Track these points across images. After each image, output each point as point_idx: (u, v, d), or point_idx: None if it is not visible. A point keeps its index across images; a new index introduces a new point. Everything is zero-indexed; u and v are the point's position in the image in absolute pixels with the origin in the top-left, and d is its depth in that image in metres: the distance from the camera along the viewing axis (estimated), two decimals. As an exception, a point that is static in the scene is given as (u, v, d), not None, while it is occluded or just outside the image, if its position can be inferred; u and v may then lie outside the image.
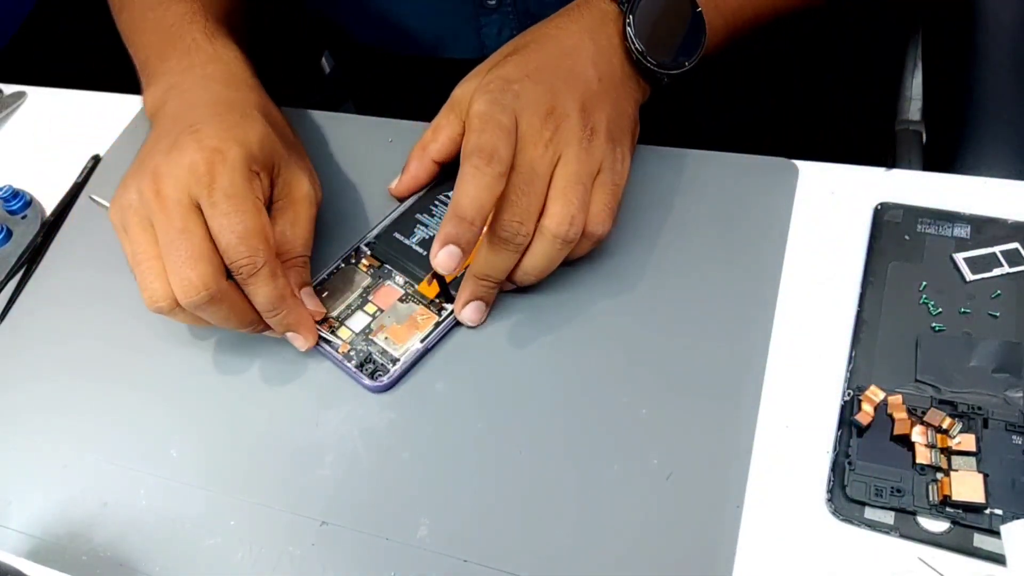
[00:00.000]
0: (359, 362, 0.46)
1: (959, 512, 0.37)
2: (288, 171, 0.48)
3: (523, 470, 0.42)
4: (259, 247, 0.43)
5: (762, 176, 0.50)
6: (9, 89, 0.68)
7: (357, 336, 0.47)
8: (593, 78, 0.46)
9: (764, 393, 0.43)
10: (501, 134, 0.42)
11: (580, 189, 0.44)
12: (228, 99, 0.49)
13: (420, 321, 0.47)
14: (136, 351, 0.50)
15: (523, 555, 0.40)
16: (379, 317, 0.48)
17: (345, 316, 0.48)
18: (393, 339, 0.47)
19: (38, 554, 0.43)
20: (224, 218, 0.43)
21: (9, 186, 0.59)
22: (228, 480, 0.44)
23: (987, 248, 0.45)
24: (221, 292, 0.43)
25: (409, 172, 0.51)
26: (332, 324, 0.48)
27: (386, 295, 0.49)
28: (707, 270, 0.47)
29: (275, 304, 0.44)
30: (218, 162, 0.44)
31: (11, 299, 0.54)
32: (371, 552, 0.41)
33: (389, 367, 0.46)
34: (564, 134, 0.44)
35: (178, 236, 0.43)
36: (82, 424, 0.48)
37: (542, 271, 0.45)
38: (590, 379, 0.44)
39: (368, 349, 0.47)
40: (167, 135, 0.47)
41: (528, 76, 0.45)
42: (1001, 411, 0.40)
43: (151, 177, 0.44)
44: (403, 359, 0.46)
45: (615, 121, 0.46)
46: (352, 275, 0.50)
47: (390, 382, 0.45)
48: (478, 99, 0.44)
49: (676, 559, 0.39)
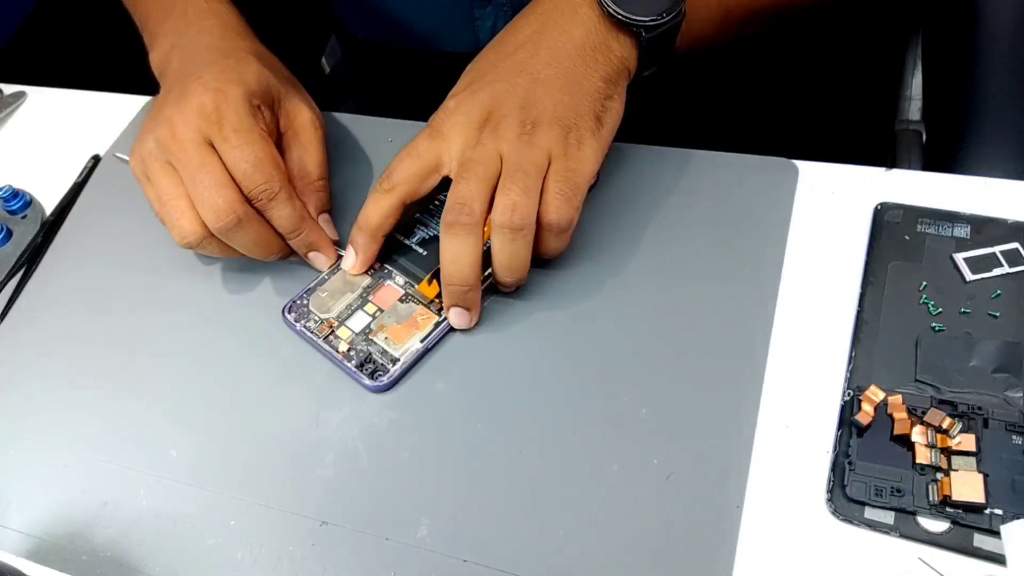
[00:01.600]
0: (359, 362, 0.46)
1: (959, 512, 0.37)
2: (288, 102, 0.52)
3: (523, 470, 0.42)
4: (273, 173, 0.47)
5: (762, 176, 0.50)
6: (9, 89, 0.68)
7: (357, 336, 0.47)
8: (541, 65, 0.46)
9: (764, 393, 0.43)
10: (415, 166, 0.46)
11: (520, 176, 0.43)
12: (224, 47, 0.53)
13: (420, 321, 0.47)
14: (136, 351, 0.50)
15: (523, 555, 0.40)
16: (379, 317, 0.48)
17: (345, 316, 0.48)
18: (393, 339, 0.47)
19: (38, 554, 0.43)
20: (236, 150, 0.47)
21: (9, 186, 0.59)
22: (228, 480, 0.44)
23: (987, 248, 0.45)
24: (247, 215, 0.47)
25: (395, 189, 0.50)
26: (332, 324, 0.48)
27: (386, 295, 0.49)
28: (707, 270, 0.47)
29: (295, 225, 0.48)
30: (222, 101, 0.48)
31: (11, 299, 0.54)
32: (371, 552, 0.41)
33: (389, 367, 0.46)
34: (501, 132, 0.44)
35: (199, 170, 0.46)
36: (82, 424, 0.48)
37: (509, 268, 0.45)
38: (590, 379, 0.44)
39: (368, 349, 0.47)
40: (175, 87, 0.51)
41: (469, 86, 0.47)
42: (1001, 411, 0.40)
43: (166, 124, 0.48)
44: (403, 359, 0.46)
45: (566, 104, 0.45)
46: (351, 276, 0.50)
47: (390, 382, 0.45)
48: (420, 133, 0.47)
49: (676, 559, 0.39)
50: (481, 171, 0.44)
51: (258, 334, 0.49)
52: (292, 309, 0.49)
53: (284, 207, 0.47)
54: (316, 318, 0.48)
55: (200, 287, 0.52)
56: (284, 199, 0.47)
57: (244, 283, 0.52)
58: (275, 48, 0.56)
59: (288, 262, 0.52)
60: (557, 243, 0.46)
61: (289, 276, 0.51)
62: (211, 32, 0.54)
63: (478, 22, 0.63)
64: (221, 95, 0.48)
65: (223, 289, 0.52)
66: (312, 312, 0.48)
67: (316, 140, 0.52)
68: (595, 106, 0.46)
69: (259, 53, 0.54)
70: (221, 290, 0.52)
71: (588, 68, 0.46)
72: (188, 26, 0.54)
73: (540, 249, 0.46)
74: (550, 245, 0.46)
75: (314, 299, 0.49)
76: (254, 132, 0.47)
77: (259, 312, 0.50)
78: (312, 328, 0.48)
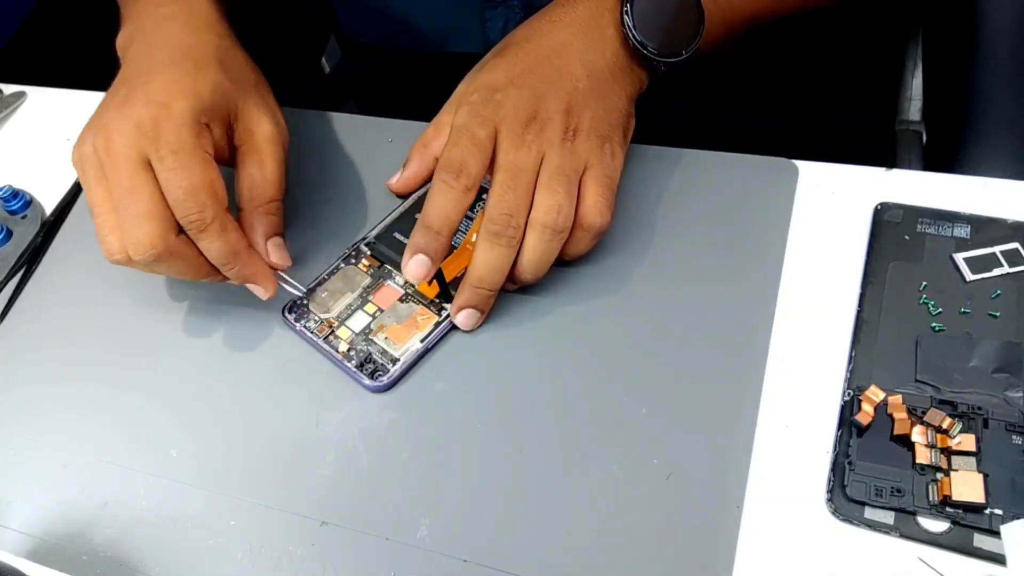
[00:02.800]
0: (359, 362, 0.46)
1: (959, 512, 0.37)
2: (247, 115, 0.48)
3: (523, 470, 0.42)
4: (206, 202, 0.44)
5: (762, 176, 0.50)
6: (9, 89, 0.68)
7: (357, 336, 0.47)
8: (581, 76, 0.46)
9: (764, 393, 0.43)
10: (473, 149, 0.43)
11: (564, 179, 0.44)
12: (184, 45, 0.49)
13: (420, 321, 0.47)
14: (136, 351, 0.50)
15: (523, 555, 0.40)
16: (379, 317, 0.48)
17: (345, 316, 0.48)
18: (393, 339, 0.47)
19: (38, 554, 0.43)
20: (171, 173, 0.43)
21: (9, 186, 0.59)
22: (228, 480, 0.44)
23: (987, 248, 0.45)
24: (170, 249, 0.44)
25: (410, 168, 0.52)
26: (332, 324, 0.48)
27: (386, 295, 0.49)
28: (707, 270, 0.47)
29: (227, 258, 0.45)
30: (163, 117, 0.44)
31: (11, 299, 0.54)
32: (371, 552, 0.41)
33: (389, 367, 0.46)
34: (547, 135, 0.45)
35: (126, 195, 0.43)
36: (82, 424, 0.48)
37: (537, 266, 0.45)
38: (590, 379, 0.44)
39: (368, 349, 0.46)
40: (124, 84, 0.47)
41: (512, 82, 0.46)
42: (1001, 411, 0.40)
43: (103, 133, 0.45)
44: (403, 359, 0.46)
45: (602, 118, 0.46)
46: (352, 275, 0.50)
47: (390, 382, 0.45)
48: (459, 111, 0.45)
49: (676, 559, 0.39)
50: (526, 180, 0.44)
51: (258, 334, 0.49)
52: (292, 309, 0.49)
53: (215, 239, 0.44)
54: (316, 318, 0.48)
55: (200, 287, 0.52)
56: (216, 231, 0.44)
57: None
58: (275, 48, 0.56)
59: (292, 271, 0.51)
60: (590, 245, 0.47)
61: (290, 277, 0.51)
62: (175, 20, 0.50)
63: (489, 23, 0.63)
64: (164, 110, 0.44)
65: (224, 289, 0.52)
66: (312, 312, 0.48)
67: (273, 157, 0.48)
68: (623, 122, 0.48)
69: (223, 53, 0.50)
70: (222, 290, 0.52)
71: (618, 86, 0.48)
72: (155, 9, 0.51)
73: (571, 250, 0.46)
74: (582, 246, 0.46)
75: (314, 299, 0.49)
76: (194, 155, 0.44)
77: (259, 312, 0.50)
78: (312, 328, 0.48)
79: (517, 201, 0.43)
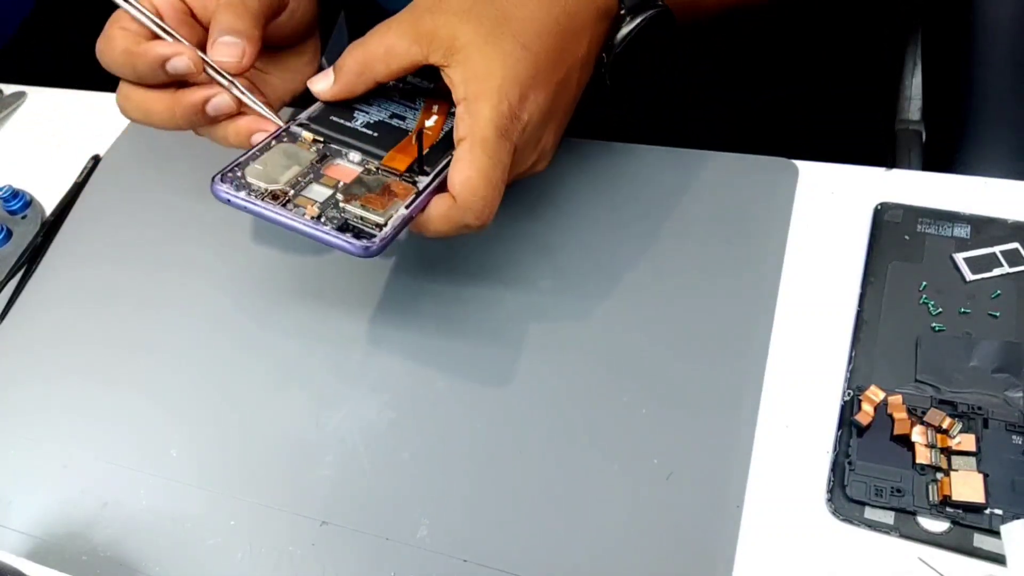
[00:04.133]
0: (337, 226, 0.39)
1: (959, 512, 0.37)
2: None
3: (523, 470, 0.42)
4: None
5: (762, 176, 0.50)
6: (9, 89, 0.68)
7: (323, 203, 0.40)
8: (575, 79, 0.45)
9: (764, 393, 0.43)
10: (491, 204, 0.41)
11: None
12: None
13: (398, 190, 0.41)
14: (136, 351, 0.50)
15: (523, 555, 0.40)
16: (343, 189, 0.41)
17: (301, 188, 0.41)
18: (372, 206, 0.40)
19: (38, 554, 0.43)
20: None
21: (9, 186, 0.59)
22: (228, 480, 0.44)
23: (987, 248, 0.45)
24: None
25: (345, 84, 0.44)
26: (286, 193, 0.40)
27: (342, 172, 0.42)
28: (707, 270, 0.47)
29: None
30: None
31: (11, 299, 0.54)
32: (371, 552, 0.41)
33: (375, 231, 0.39)
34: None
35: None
36: (82, 424, 0.48)
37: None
38: (590, 379, 0.44)
39: (343, 216, 0.40)
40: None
41: (549, 118, 0.44)
42: (1001, 411, 0.40)
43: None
44: (390, 224, 0.39)
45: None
46: (293, 151, 0.43)
47: (381, 244, 0.39)
48: (487, 151, 0.41)
49: (676, 559, 0.39)
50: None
51: (259, 334, 0.49)
52: (224, 178, 0.40)
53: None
54: (259, 188, 0.40)
55: (200, 287, 0.52)
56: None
57: (245, 284, 0.52)
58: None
59: (292, 272, 0.51)
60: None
61: (290, 281, 0.51)
62: None
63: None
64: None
65: (223, 289, 0.52)
66: (252, 183, 0.40)
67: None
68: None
69: None
70: (221, 290, 0.52)
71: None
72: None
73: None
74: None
75: (251, 171, 0.41)
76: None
77: (259, 313, 0.50)
78: (257, 196, 0.40)
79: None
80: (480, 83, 0.41)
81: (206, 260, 0.53)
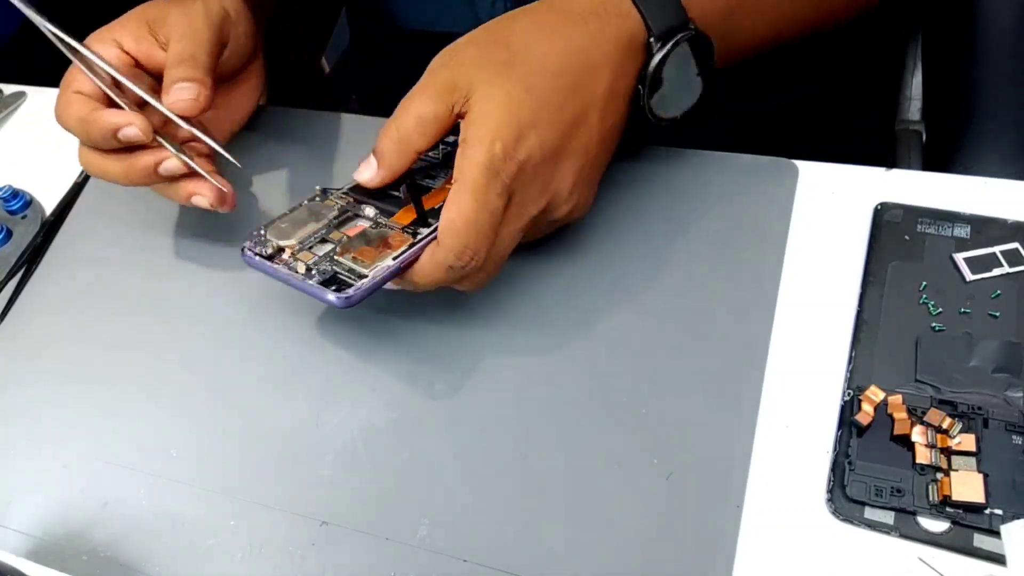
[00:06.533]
0: (321, 280, 0.41)
1: (959, 512, 0.37)
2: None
3: (523, 470, 0.42)
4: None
5: (762, 176, 0.50)
6: (9, 89, 0.68)
7: (320, 258, 0.42)
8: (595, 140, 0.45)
9: (764, 393, 0.43)
10: (472, 246, 0.41)
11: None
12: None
13: (393, 242, 0.43)
14: (136, 351, 0.50)
15: (523, 555, 0.40)
16: (345, 243, 0.43)
17: (309, 245, 0.43)
18: (362, 258, 0.42)
19: (38, 554, 0.43)
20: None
21: (9, 186, 0.59)
22: (228, 480, 0.44)
23: (987, 248, 0.45)
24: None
25: (388, 167, 0.44)
26: (293, 249, 0.43)
27: (354, 229, 0.44)
28: (707, 270, 0.47)
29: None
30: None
31: (11, 299, 0.54)
32: (371, 552, 0.41)
33: (356, 282, 0.41)
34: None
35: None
36: (82, 424, 0.48)
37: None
38: (590, 379, 0.44)
39: (332, 268, 0.42)
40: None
41: (558, 157, 0.43)
42: (1001, 411, 0.40)
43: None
44: (372, 275, 0.41)
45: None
46: (319, 209, 0.45)
47: (358, 295, 0.40)
48: (476, 189, 0.40)
49: (676, 559, 0.39)
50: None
51: (259, 334, 0.49)
52: (250, 238, 0.44)
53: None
54: (273, 245, 0.43)
55: (200, 287, 0.52)
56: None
57: (245, 285, 0.52)
58: (275, 47, 0.56)
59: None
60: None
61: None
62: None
63: (478, 0, 0.62)
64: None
65: (223, 290, 0.52)
66: (269, 240, 0.43)
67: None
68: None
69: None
70: (221, 291, 0.52)
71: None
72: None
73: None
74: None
75: (272, 228, 0.44)
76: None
77: (260, 313, 0.50)
78: (265, 254, 0.43)
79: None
80: (476, 127, 0.41)
81: (206, 260, 0.53)
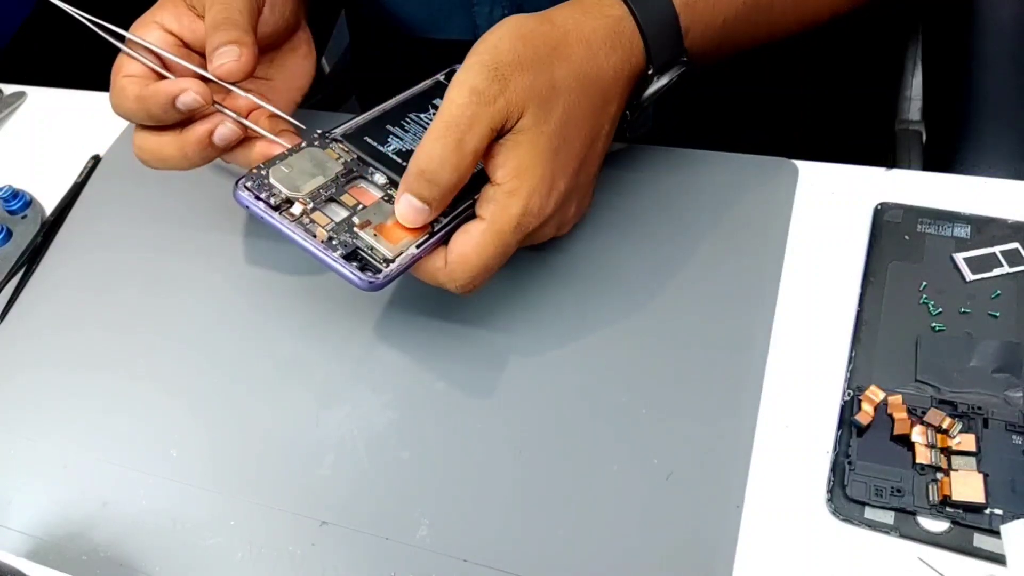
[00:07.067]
0: (345, 253, 0.38)
1: (959, 512, 0.37)
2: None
3: (523, 470, 0.42)
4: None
5: (762, 176, 0.50)
6: (9, 89, 0.68)
7: (338, 225, 0.39)
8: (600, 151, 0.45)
9: (764, 393, 0.43)
10: (476, 283, 0.41)
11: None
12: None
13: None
14: (136, 351, 0.50)
15: (523, 555, 0.40)
16: (361, 212, 0.40)
17: (320, 201, 0.40)
18: (384, 237, 0.39)
19: (38, 554, 0.43)
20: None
21: (9, 186, 0.59)
22: (228, 480, 0.44)
23: (987, 248, 0.45)
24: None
25: (445, 183, 0.41)
26: (304, 204, 0.40)
27: (363, 194, 0.42)
28: (707, 270, 0.47)
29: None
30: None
31: (11, 299, 0.54)
32: (371, 552, 0.41)
33: (381, 266, 0.38)
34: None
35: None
36: (82, 424, 0.48)
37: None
38: (590, 379, 0.44)
39: (354, 242, 0.39)
40: None
41: (571, 197, 0.43)
42: (1001, 411, 0.40)
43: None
44: (398, 261, 0.39)
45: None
46: (321, 158, 0.42)
47: (385, 280, 0.38)
48: (502, 234, 0.40)
49: (676, 559, 0.39)
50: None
51: (259, 334, 0.49)
52: (248, 178, 0.40)
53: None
54: (279, 193, 0.39)
55: (200, 288, 0.52)
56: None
57: (245, 284, 0.52)
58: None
59: (292, 271, 0.51)
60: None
61: (290, 281, 0.51)
62: None
63: (476, 8, 0.62)
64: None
65: (223, 290, 0.52)
66: (274, 186, 0.40)
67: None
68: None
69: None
70: (221, 291, 0.52)
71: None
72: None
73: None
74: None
75: (275, 171, 0.40)
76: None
77: (260, 313, 0.50)
78: (276, 204, 0.39)
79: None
80: (519, 179, 0.40)
81: (206, 260, 0.53)
